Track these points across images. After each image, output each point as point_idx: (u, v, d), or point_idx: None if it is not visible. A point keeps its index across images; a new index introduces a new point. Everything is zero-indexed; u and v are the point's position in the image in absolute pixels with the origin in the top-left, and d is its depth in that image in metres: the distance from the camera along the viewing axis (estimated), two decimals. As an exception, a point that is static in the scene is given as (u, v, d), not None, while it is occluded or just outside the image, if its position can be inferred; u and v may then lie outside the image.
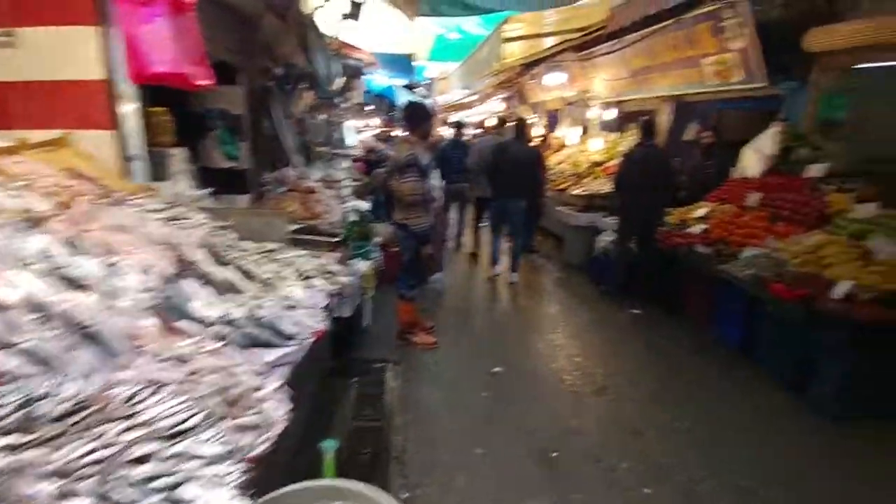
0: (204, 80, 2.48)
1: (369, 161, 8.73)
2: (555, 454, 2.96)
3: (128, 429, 1.18)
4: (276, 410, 1.31)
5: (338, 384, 3.42)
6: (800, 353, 3.51)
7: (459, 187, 7.09)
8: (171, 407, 1.25)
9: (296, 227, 3.46)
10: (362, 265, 4.02)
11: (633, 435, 3.18)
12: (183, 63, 2.31)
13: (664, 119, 6.93)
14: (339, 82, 6.66)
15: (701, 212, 4.82)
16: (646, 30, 6.09)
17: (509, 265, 6.21)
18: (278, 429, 1.26)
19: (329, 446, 1.97)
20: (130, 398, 1.27)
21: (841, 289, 3.05)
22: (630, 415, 3.43)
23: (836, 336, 3.18)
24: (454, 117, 13.43)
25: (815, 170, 4.29)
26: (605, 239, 5.87)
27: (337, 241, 3.38)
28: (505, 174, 5.94)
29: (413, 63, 9.64)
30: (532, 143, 7.08)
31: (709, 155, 5.55)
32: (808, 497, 2.65)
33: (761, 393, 3.66)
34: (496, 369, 4.01)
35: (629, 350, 4.47)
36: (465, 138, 7.90)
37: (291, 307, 2.02)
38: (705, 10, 5.09)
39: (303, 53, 5.53)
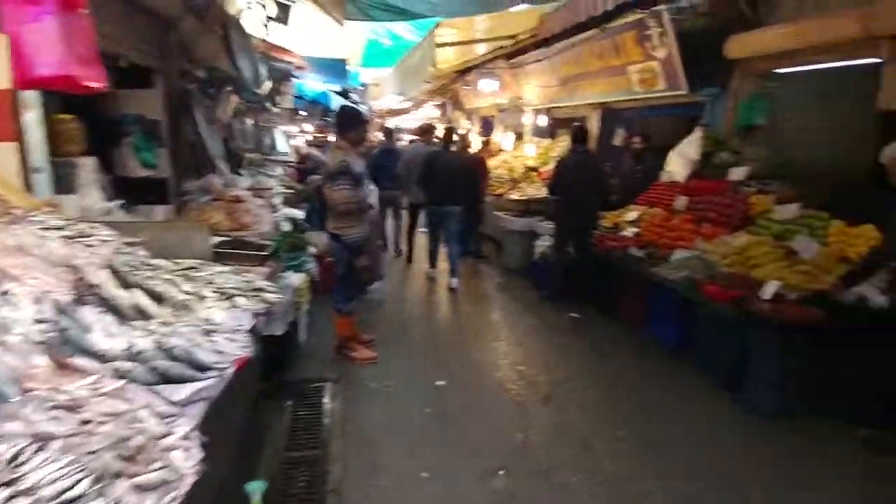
0: (95, 83, 2.21)
1: (304, 168, 8.43)
2: (502, 472, 2.87)
3: (11, 497, 0.98)
4: (186, 461, 1.12)
5: (269, 409, 3.18)
6: (734, 352, 3.61)
7: (392, 194, 7.10)
8: (58, 469, 1.05)
9: (220, 240, 3.20)
10: (295, 278, 3.80)
11: (582, 447, 3.13)
12: (71, 64, 2.05)
13: (594, 125, 7.12)
14: (266, 86, 6.36)
15: (632, 215, 4.96)
16: (574, 38, 6.23)
17: (449, 271, 6.20)
18: (188, 483, 1.07)
19: (255, 488, 1.78)
20: (13, 459, 1.06)
21: (769, 289, 3.17)
22: (577, 425, 3.40)
23: (766, 336, 3.29)
24: (389, 123, 13.28)
25: (737, 173, 4.49)
26: (543, 244, 5.90)
27: (266, 254, 3.15)
28: (438, 182, 6.00)
29: (347, 68, 9.41)
30: (472, 150, 7.08)
31: (639, 160, 5.74)
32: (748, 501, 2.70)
33: (701, 393, 3.75)
34: (439, 382, 3.88)
35: (571, 355, 4.47)
36: (397, 144, 7.83)
37: (210, 332, 1.81)
38: (631, 19, 5.25)
39: (226, 56, 5.22)
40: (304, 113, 15.38)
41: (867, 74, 3.64)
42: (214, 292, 2.21)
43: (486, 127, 11.35)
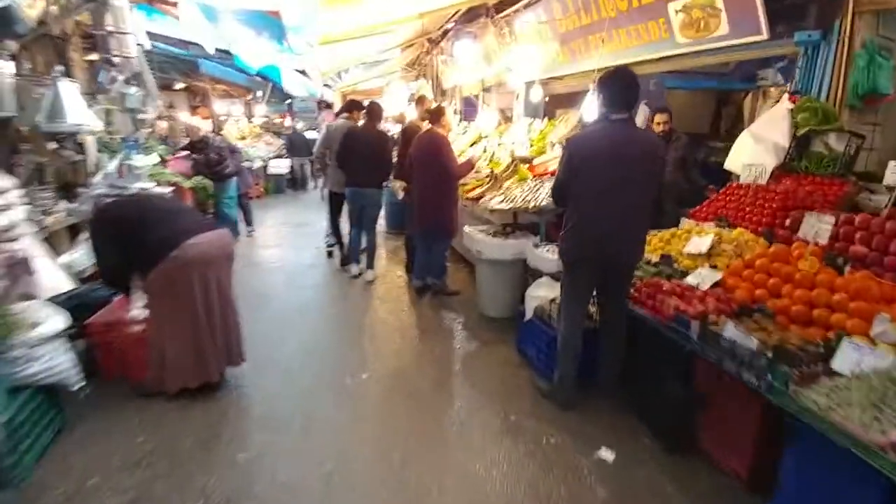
0: None
1: (201, 158, 6.43)
2: None
3: None
4: None
5: None
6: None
7: None
8: None
9: None
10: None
11: None
12: None
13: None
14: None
15: (699, 243, 2.90)
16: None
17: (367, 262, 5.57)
18: None
19: None
20: None
21: None
22: None
23: None
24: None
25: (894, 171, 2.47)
26: (542, 293, 3.42)
27: None
28: (353, 162, 5.30)
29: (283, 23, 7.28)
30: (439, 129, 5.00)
31: (665, 147, 3.75)
32: None
33: None
34: None
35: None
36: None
37: None
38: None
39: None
40: (260, 93, 13.31)
41: None
42: None
43: (469, 110, 9.27)
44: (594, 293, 2.98)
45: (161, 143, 7.92)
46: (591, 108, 4.28)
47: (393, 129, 8.99)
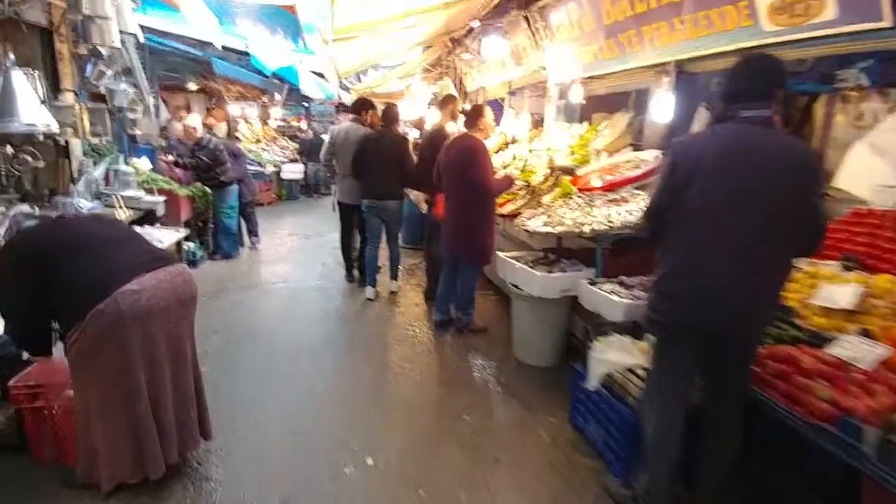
0: None
1: (191, 163, 5.87)
2: None
3: None
4: None
5: None
6: None
7: None
8: None
9: None
10: None
11: None
12: None
13: (660, 103, 4.39)
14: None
15: (839, 294, 2.15)
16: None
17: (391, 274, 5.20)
18: None
19: None
20: None
21: None
22: None
23: None
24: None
25: None
26: (614, 358, 2.51)
27: None
28: (371, 171, 4.77)
29: (298, 20, 6.76)
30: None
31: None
32: None
33: None
34: None
35: None
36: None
37: None
38: None
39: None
40: (278, 96, 12.83)
41: None
42: None
43: (496, 113, 8.61)
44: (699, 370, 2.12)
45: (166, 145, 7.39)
46: (661, 108, 3.59)
47: (412, 134, 8.38)
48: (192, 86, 10.10)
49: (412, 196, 5.02)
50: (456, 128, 4.77)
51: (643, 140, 4.59)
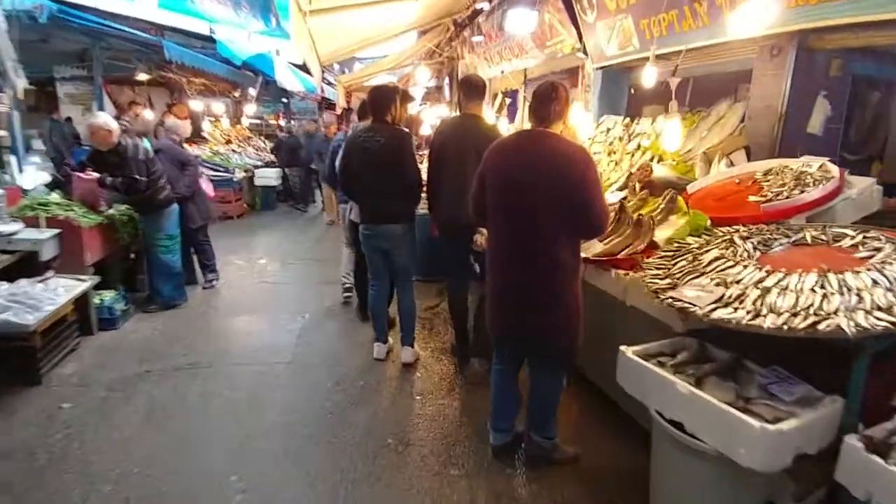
0: None
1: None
2: None
3: None
4: None
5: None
6: None
7: None
8: None
9: None
10: None
11: None
12: None
13: (771, 93, 3.20)
14: None
15: None
16: None
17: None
18: None
19: None
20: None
21: None
22: None
23: None
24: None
25: None
26: None
27: None
28: (363, 185, 3.47)
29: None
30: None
31: None
32: None
33: None
34: None
35: None
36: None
37: None
38: None
39: None
40: (252, 90, 11.38)
41: None
42: None
43: (511, 108, 7.36)
44: None
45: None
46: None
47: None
48: (143, 76, 8.47)
49: (477, 239, 3.31)
50: (494, 119, 3.42)
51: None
